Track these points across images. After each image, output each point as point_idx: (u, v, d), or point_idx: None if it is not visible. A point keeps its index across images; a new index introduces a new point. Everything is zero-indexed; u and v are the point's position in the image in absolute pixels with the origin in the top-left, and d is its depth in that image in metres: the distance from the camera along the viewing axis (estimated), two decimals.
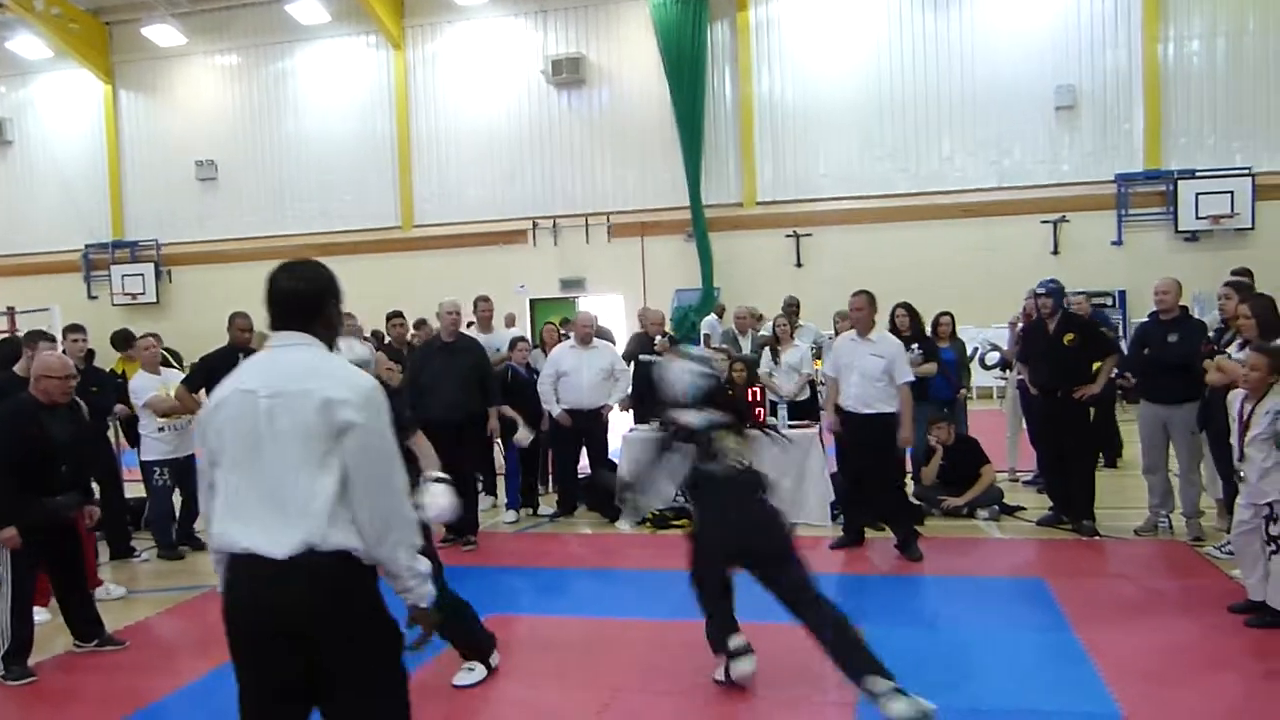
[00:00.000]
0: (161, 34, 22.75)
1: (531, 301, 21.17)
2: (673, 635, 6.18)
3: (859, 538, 8.24)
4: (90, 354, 9.73)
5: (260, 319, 12.08)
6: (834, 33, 19.88)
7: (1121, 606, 6.46)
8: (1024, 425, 9.93)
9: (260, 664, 3.10)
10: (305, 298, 3.24)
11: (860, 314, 8.11)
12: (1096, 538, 8.16)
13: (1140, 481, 8.47)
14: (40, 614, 6.85)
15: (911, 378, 8.09)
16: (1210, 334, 7.85)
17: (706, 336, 14.40)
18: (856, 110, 19.85)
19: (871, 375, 7.91)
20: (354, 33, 22.34)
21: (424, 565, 3.15)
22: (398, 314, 11.33)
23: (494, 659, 5.61)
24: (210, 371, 8.23)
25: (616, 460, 9.67)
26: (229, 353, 8.37)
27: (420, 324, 12.47)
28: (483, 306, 10.87)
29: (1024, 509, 9.17)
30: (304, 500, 2.93)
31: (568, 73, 20.89)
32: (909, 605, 6.82)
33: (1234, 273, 8.19)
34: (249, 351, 8.08)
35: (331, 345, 3.26)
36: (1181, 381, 7.67)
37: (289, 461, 2.96)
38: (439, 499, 4.65)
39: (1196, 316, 8.50)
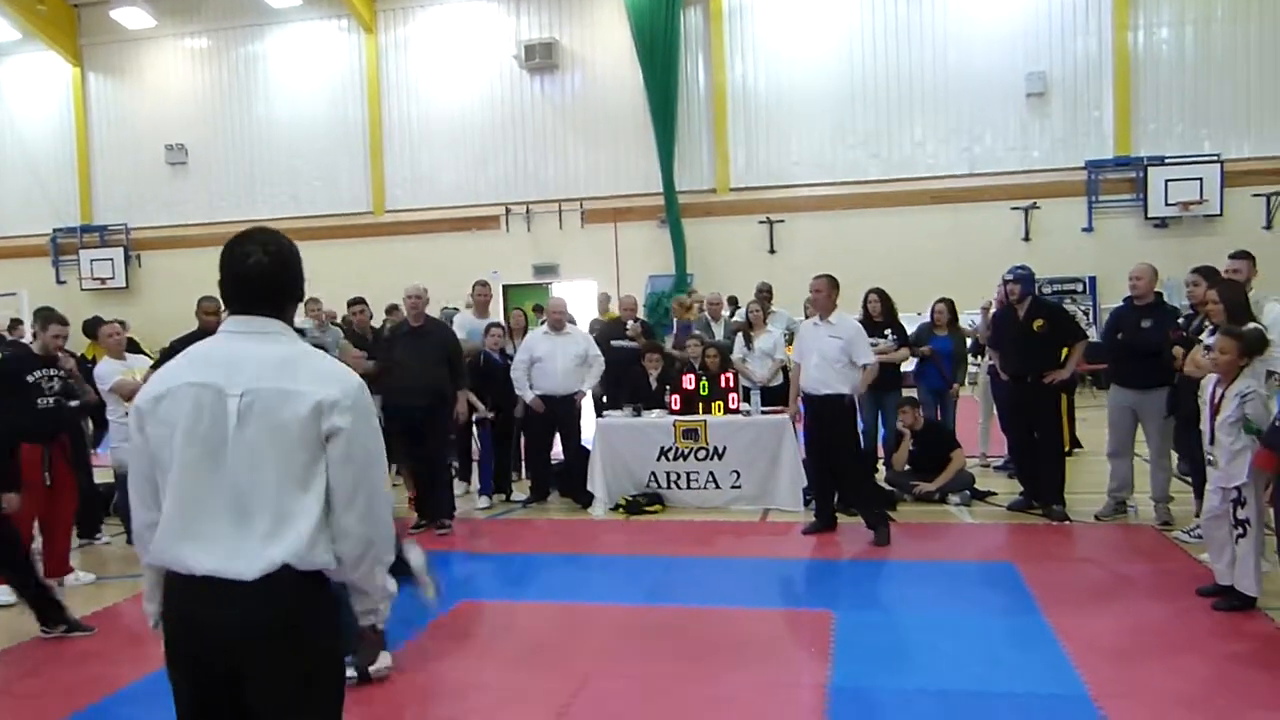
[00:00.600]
0: (130, 16, 22.49)
1: (505, 287, 21.11)
2: (645, 620, 6.20)
3: (831, 523, 8.27)
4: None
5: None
6: (806, 20, 19.89)
7: (1090, 590, 6.51)
8: (995, 411, 10.00)
9: (206, 691, 2.65)
10: (276, 275, 2.77)
11: (819, 296, 8.20)
12: (1066, 522, 8.23)
13: (1105, 466, 8.55)
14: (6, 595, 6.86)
15: (872, 359, 8.16)
16: (1179, 320, 7.90)
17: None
18: (829, 97, 19.89)
19: (830, 356, 7.98)
20: (325, 16, 22.17)
21: (393, 585, 2.82)
22: (359, 300, 11.30)
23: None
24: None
25: (589, 447, 9.67)
26: (198, 337, 8.32)
27: (392, 309, 12.43)
28: (480, 291, 10.96)
29: (995, 494, 9.23)
30: (282, 514, 2.56)
31: (540, 58, 20.80)
32: (880, 590, 6.86)
33: (1194, 270, 8.23)
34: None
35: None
36: (1154, 367, 7.73)
37: (263, 470, 2.57)
38: None
39: (1168, 302, 8.55)
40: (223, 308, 2.84)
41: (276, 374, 2.61)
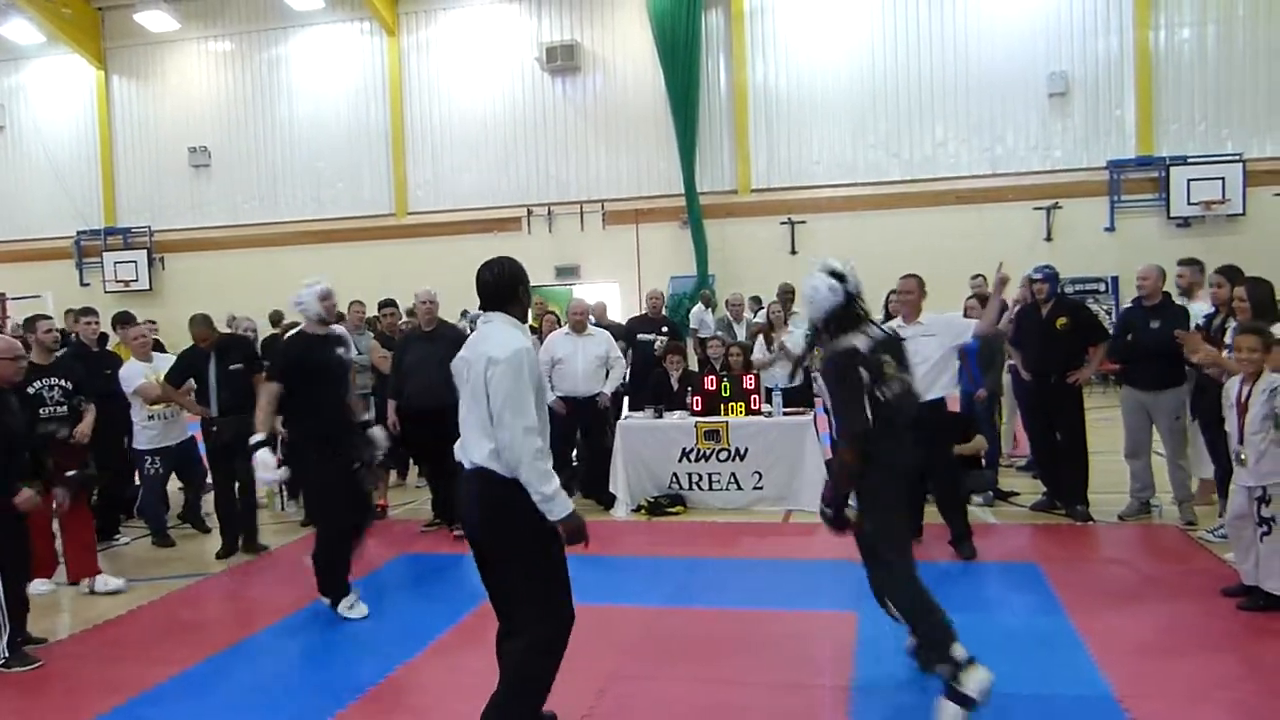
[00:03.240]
0: (154, 19, 22.60)
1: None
2: (667, 621, 6.21)
3: (918, 532, 7.61)
4: (104, 337, 9.81)
5: (248, 304, 12.16)
6: (827, 20, 19.86)
7: (1115, 591, 6.49)
8: (1018, 410, 9.94)
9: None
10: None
11: (910, 297, 7.62)
12: (1090, 523, 8.21)
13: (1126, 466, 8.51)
14: (44, 585, 6.92)
15: (975, 327, 7.56)
16: (1200, 321, 7.86)
17: (695, 330, 14.42)
18: (850, 97, 19.86)
19: (930, 357, 7.27)
20: (348, 19, 22.27)
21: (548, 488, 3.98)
22: (390, 303, 11.34)
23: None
24: (186, 368, 8.55)
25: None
26: (200, 352, 8.55)
27: (411, 312, 12.47)
28: None
29: (1018, 494, 9.21)
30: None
31: (562, 60, 20.83)
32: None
33: (1218, 270, 8.20)
34: (211, 351, 8.43)
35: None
36: (1164, 367, 7.72)
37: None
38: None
39: (1181, 302, 8.52)
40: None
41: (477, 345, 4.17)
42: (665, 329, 11.35)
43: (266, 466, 6.31)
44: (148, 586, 7.56)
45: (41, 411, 7.20)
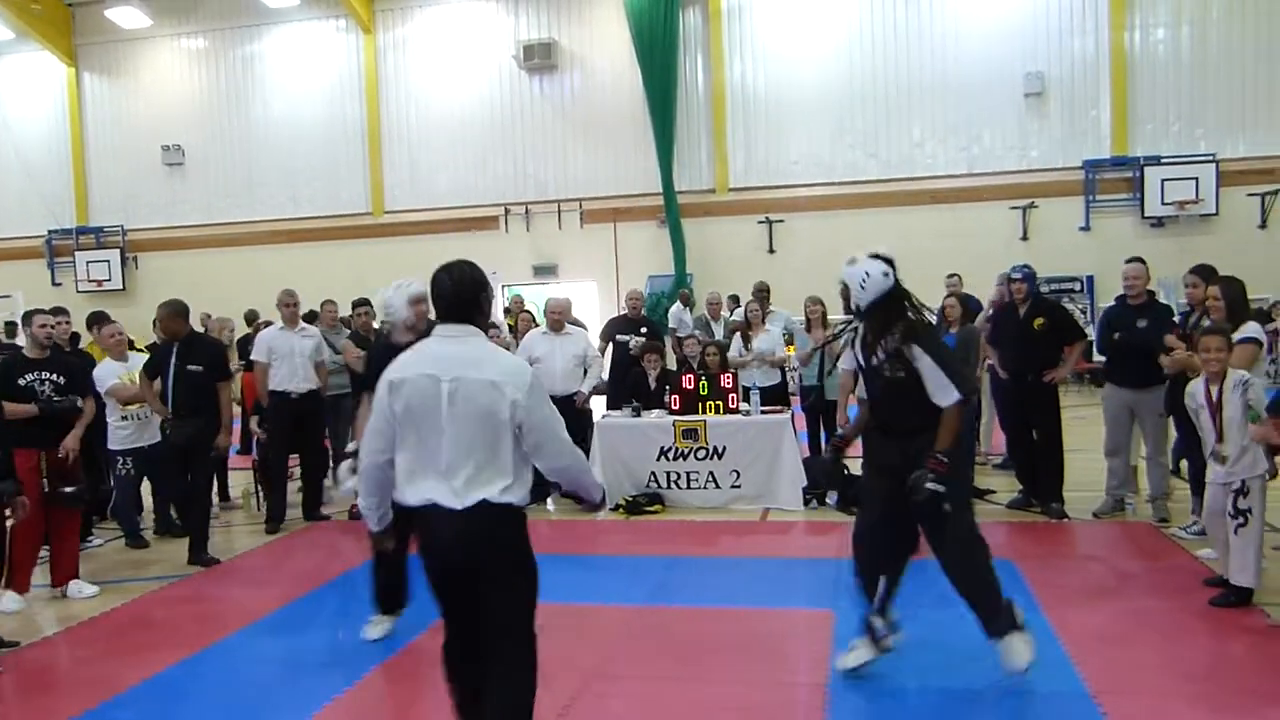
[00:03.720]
0: (126, 16, 22.44)
1: (504, 288, 21.10)
2: (646, 620, 6.20)
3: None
4: (75, 336, 9.73)
5: (224, 303, 12.08)
6: (805, 19, 19.90)
7: (1089, 587, 6.53)
8: (995, 409, 9.98)
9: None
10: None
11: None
12: (1065, 520, 8.25)
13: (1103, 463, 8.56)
14: (14, 601, 6.83)
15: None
16: (1175, 319, 7.92)
17: (674, 329, 14.43)
18: (828, 97, 19.90)
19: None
20: (323, 16, 22.17)
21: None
22: (363, 301, 11.29)
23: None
24: (150, 365, 8.36)
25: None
26: (163, 347, 8.41)
27: None
28: None
29: (994, 492, 9.24)
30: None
31: (539, 58, 20.80)
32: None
33: (1192, 270, 8.24)
34: (174, 346, 8.17)
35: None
36: (1149, 366, 7.75)
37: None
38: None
39: (1163, 301, 8.58)
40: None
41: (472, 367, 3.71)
42: (644, 329, 11.34)
43: (347, 477, 5.93)
44: (121, 589, 7.50)
45: (35, 404, 7.13)
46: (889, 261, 5.13)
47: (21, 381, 7.09)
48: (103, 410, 8.59)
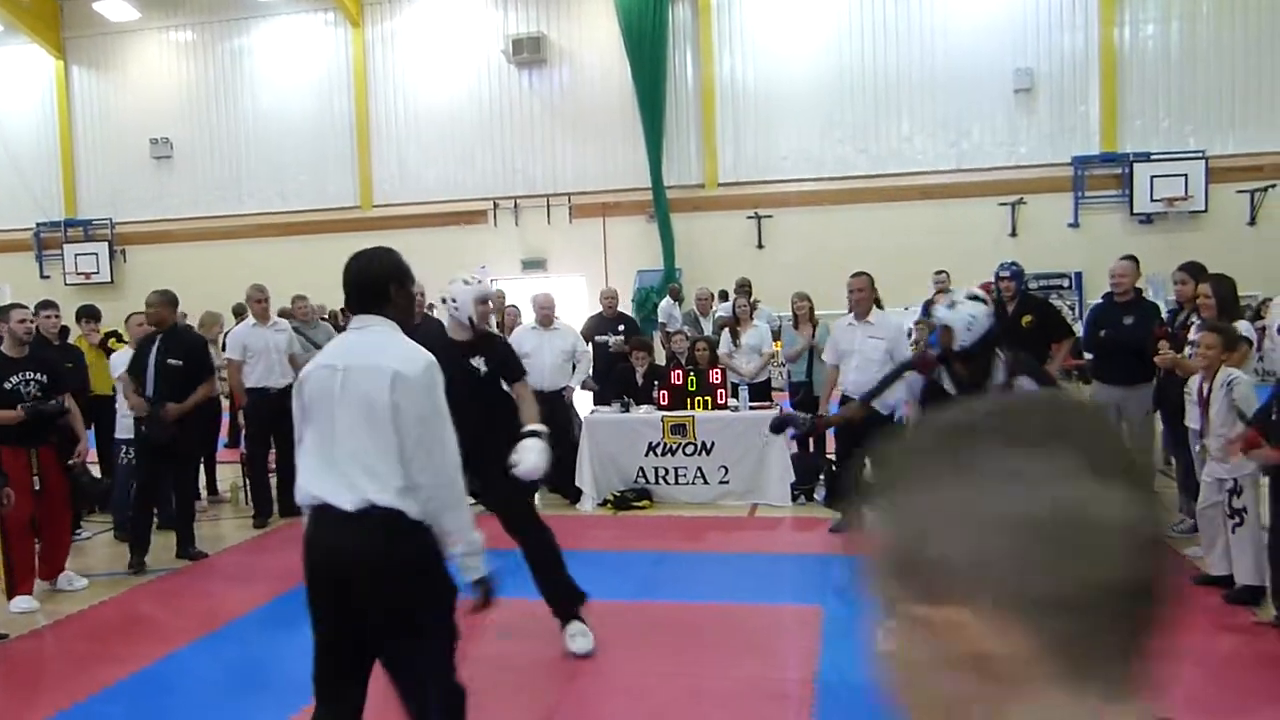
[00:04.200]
0: (114, 9, 22.30)
1: (492, 282, 21.05)
2: (633, 615, 6.20)
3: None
4: (64, 330, 9.68)
5: (212, 297, 11.96)
6: (794, 14, 19.87)
7: None
8: None
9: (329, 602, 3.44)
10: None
11: (860, 295, 8.04)
12: None
13: None
14: (26, 601, 6.80)
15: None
16: (1164, 316, 7.93)
17: (664, 324, 14.43)
18: (817, 92, 19.88)
19: (872, 358, 7.78)
20: (311, 9, 22.06)
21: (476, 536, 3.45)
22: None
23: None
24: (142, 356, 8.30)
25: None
26: (146, 338, 8.33)
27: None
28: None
29: None
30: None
31: (528, 52, 20.73)
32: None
33: (1181, 268, 8.25)
34: (165, 335, 8.15)
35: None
36: (1137, 363, 7.77)
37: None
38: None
39: (1150, 298, 8.60)
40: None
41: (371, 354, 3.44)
42: (621, 327, 11.30)
43: None
44: (109, 581, 7.48)
45: (20, 408, 7.01)
46: (984, 300, 5.34)
47: (7, 385, 6.96)
48: (91, 403, 8.60)
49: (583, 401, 10.83)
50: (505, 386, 5.80)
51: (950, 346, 5.55)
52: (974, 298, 5.50)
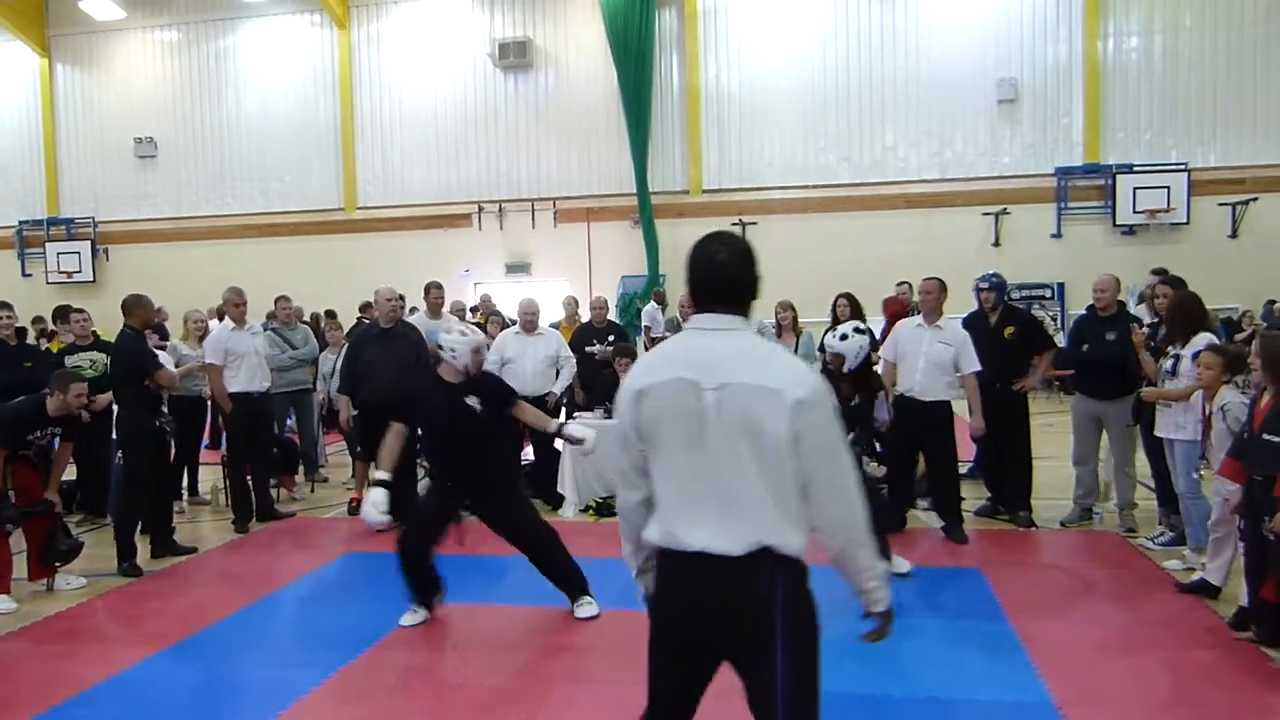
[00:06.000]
0: (99, 7, 22.18)
1: (475, 286, 21.06)
2: (615, 623, 6.19)
3: (901, 525, 8.23)
4: (21, 331, 9.57)
5: (194, 298, 11.77)
6: (780, 22, 19.93)
7: (1056, 596, 6.58)
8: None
9: (690, 662, 3.08)
10: (740, 271, 2.97)
11: (930, 298, 8.07)
12: (1033, 528, 8.30)
13: (1071, 472, 8.62)
14: (6, 602, 6.77)
15: (979, 367, 7.95)
16: (1145, 328, 7.95)
17: (648, 328, 14.43)
18: (801, 100, 19.95)
19: (940, 363, 7.84)
20: (298, 11, 22.02)
21: (881, 567, 3.05)
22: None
23: None
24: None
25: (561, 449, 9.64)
26: (130, 335, 8.12)
27: (366, 307, 12.39)
28: (434, 294, 10.86)
29: (962, 500, 9.27)
30: (759, 499, 2.83)
31: (514, 56, 20.73)
32: (848, 595, 6.87)
33: (1154, 272, 8.31)
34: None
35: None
36: (1118, 377, 7.81)
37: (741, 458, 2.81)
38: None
39: (1132, 311, 8.65)
40: None
41: (748, 369, 2.82)
42: (612, 337, 11.27)
43: (377, 507, 5.95)
44: (93, 582, 7.44)
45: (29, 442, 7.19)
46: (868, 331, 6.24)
47: (30, 437, 7.14)
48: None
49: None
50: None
51: (841, 370, 6.83)
52: (859, 330, 6.85)
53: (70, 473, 8.92)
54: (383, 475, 6.09)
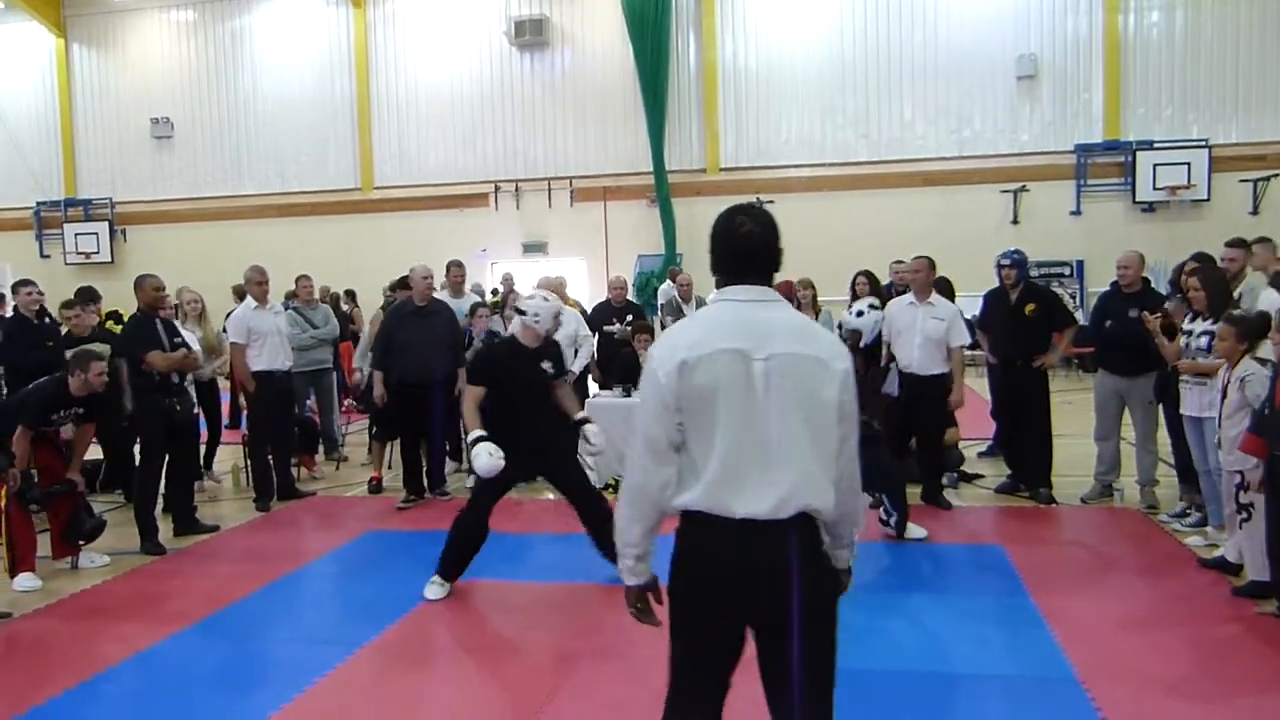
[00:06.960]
0: None
1: (492, 265, 21.06)
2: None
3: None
4: (42, 310, 9.58)
5: (213, 278, 11.80)
6: None
7: (1077, 572, 6.57)
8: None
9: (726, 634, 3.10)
10: (768, 243, 2.97)
11: (919, 276, 8.30)
12: (1053, 505, 8.28)
13: (1091, 449, 8.59)
14: (29, 580, 6.83)
15: (968, 340, 8.30)
16: (1166, 304, 7.91)
17: (663, 306, 14.40)
18: (819, 77, 19.84)
19: (935, 338, 8.13)
20: None
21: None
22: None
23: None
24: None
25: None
26: (145, 315, 8.11)
27: (396, 286, 12.33)
28: (455, 272, 10.89)
29: (983, 477, 9.28)
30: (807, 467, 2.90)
31: (530, 34, 20.67)
32: (868, 572, 6.86)
33: (1193, 258, 8.18)
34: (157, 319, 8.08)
35: None
36: (1141, 354, 7.77)
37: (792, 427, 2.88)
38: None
39: (1154, 288, 8.60)
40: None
41: (794, 340, 2.90)
42: (630, 316, 11.29)
43: (491, 455, 6.00)
44: (116, 560, 7.51)
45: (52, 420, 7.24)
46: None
47: (54, 417, 7.21)
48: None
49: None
50: None
51: (858, 345, 7.49)
52: (874, 306, 7.61)
53: (96, 452, 9.04)
54: (479, 432, 6.18)
